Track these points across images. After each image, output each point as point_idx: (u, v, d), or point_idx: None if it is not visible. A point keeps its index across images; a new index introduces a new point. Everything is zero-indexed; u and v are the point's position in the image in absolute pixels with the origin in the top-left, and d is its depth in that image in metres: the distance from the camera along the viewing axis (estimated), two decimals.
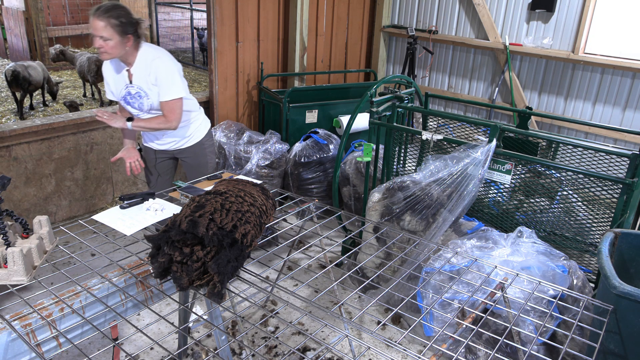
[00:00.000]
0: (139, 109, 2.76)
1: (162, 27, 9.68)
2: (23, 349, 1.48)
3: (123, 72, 2.71)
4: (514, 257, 2.57)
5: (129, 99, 2.74)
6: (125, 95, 2.73)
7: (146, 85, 2.68)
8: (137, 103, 2.74)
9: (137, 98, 2.72)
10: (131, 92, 2.71)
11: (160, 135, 2.91)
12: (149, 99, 2.71)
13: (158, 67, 2.64)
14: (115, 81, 2.76)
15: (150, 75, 2.65)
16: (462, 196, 2.92)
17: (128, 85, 2.71)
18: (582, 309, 1.73)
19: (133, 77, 2.68)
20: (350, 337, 1.60)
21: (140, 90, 2.70)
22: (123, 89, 2.73)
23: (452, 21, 5.14)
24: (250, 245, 1.60)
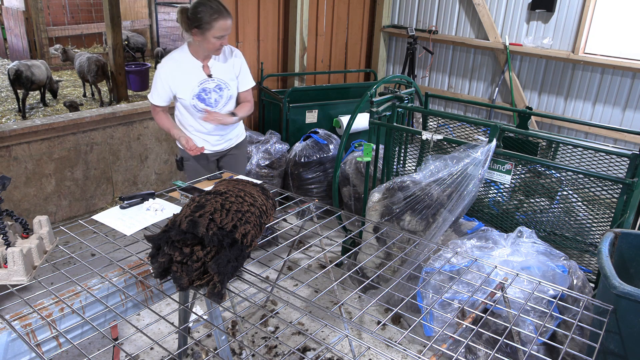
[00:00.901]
0: (214, 103, 2.77)
1: (162, 27, 9.68)
2: (23, 349, 1.48)
3: (197, 68, 2.72)
4: (514, 257, 2.57)
5: (204, 95, 2.74)
6: (200, 92, 2.72)
7: (228, 77, 2.77)
8: (215, 97, 2.76)
9: (216, 91, 2.76)
10: (208, 86, 2.73)
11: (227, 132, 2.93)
12: (229, 90, 2.79)
13: (240, 56, 2.83)
14: (184, 82, 2.71)
15: (235, 66, 2.79)
16: (462, 196, 2.92)
17: (205, 81, 2.73)
18: (582, 309, 1.73)
19: (211, 70, 2.74)
20: (350, 337, 1.60)
21: (221, 82, 2.76)
22: (197, 86, 2.72)
23: (452, 21, 5.14)
24: (250, 245, 1.60)
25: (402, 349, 1.42)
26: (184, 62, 2.72)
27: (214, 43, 2.61)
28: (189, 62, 2.72)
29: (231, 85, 2.80)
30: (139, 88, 6.78)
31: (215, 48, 2.63)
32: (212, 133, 2.88)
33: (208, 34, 2.57)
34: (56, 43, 8.68)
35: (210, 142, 2.91)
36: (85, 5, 9.25)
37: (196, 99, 2.73)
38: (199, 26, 2.56)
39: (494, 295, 1.96)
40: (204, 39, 2.60)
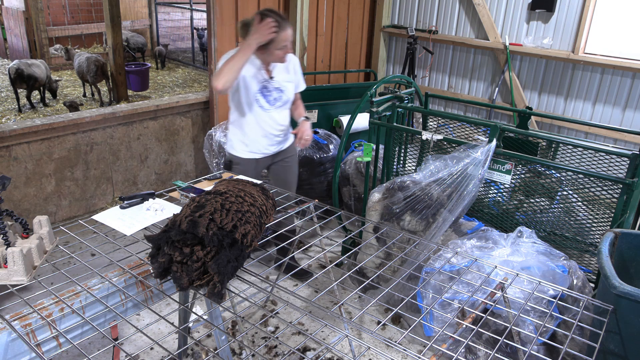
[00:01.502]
0: (273, 101, 2.85)
1: (162, 27, 9.69)
2: (23, 349, 1.48)
3: (260, 68, 2.79)
4: (514, 257, 2.57)
5: (265, 92, 2.83)
6: (262, 89, 2.81)
7: (287, 79, 2.88)
8: (275, 96, 2.85)
9: (276, 92, 2.85)
10: (268, 86, 2.82)
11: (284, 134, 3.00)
12: (287, 93, 2.89)
13: (295, 59, 2.94)
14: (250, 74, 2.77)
15: (290, 69, 2.89)
16: (462, 196, 2.92)
17: (267, 81, 2.82)
18: (582, 309, 1.73)
19: (272, 73, 2.83)
20: (350, 337, 1.60)
21: (281, 85, 2.86)
22: (260, 82, 2.80)
23: (452, 21, 5.14)
24: (250, 245, 1.61)
25: (402, 349, 1.42)
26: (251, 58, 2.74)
27: (278, 54, 2.70)
28: (254, 60, 2.77)
29: (289, 89, 2.90)
30: (139, 88, 6.78)
31: (280, 58, 2.73)
32: (268, 135, 2.92)
33: (271, 47, 2.64)
34: (56, 43, 8.67)
35: (262, 145, 2.94)
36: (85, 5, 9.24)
37: (259, 94, 2.81)
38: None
39: (494, 295, 1.96)
40: (269, 53, 2.68)
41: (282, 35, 2.62)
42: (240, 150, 2.95)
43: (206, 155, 4.18)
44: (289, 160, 3.13)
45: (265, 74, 2.81)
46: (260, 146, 2.95)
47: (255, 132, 2.90)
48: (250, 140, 2.91)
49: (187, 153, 4.67)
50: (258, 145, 2.94)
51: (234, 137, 2.96)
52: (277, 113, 2.91)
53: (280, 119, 2.94)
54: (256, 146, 2.94)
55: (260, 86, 2.80)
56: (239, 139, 2.94)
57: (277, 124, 2.93)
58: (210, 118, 4.50)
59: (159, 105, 4.29)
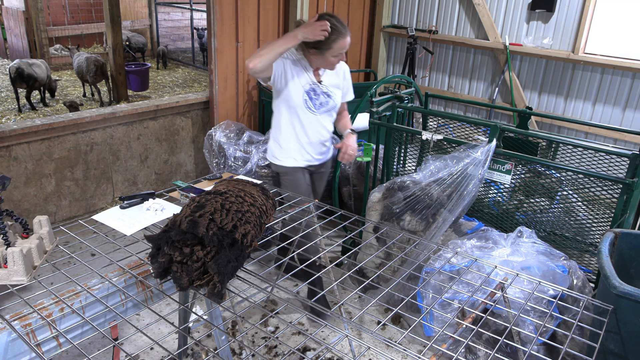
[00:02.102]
0: (318, 106, 2.76)
1: (162, 27, 9.68)
2: (23, 349, 1.48)
3: (309, 71, 2.71)
4: (514, 257, 2.57)
5: (313, 95, 2.74)
6: (309, 90, 2.72)
7: (335, 85, 2.80)
8: (322, 100, 2.76)
9: (323, 96, 2.76)
10: (316, 89, 2.74)
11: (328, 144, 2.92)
12: (334, 100, 2.80)
13: (346, 67, 2.85)
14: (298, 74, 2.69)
15: (340, 76, 2.81)
16: (462, 196, 2.92)
17: (315, 84, 2.73)
18: (582, 309, 1.73)
19: (322, 78, 2.75)
20: (350, 337, 1.60)
21: (329, 91, 2.77)
22: (307, 84, 2.71)
23: (452, 21, 5.14)
24: (250, 245, 1.60)
25: (402, 349, 1.42)
26: (297, 61, 2.69)
27: (331, 61, 2.62)
28: (302, 62, 2.70)
29: (337, 95, 2.82)
30: (139, 88, 6.78)
31: (332, 65, 2.65)
32: (314, 142, 2.82)
33: (327, 53, 2.57)
34: (56, 43, 8.68)
35: (308, 152, 2.83)
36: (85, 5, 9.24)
37: (307, 94, 2.71)
38: (317, 47, 2.54)
39: (494, 295, 1.96)
40: (322, 58, 2.60)
41: (340, 42, 2.54)
42: (284, 160, 2.81)
43: (206, 155, 4.18)
44: (325, 171, 3.04)
45: (314, 77, 2.73)
46: (305, 153, 2.82)
47: (301, 137, 2.78)
48: (293, 147, 2.79)
49: (187, 153, 4.67)
50: (303, 152, 2.81)
51: (276, 146, 2.83)
52: (322, 118, 2.80)
53: (326, 123, 2.84)
54: (301, 153, 2.81)
55: (309, 88, 2.71)
56: (281, 147, 2.81)
57: (323, 129, 2.83)
58: (210, 118, 4.50)
59: (159, 105, 4.29)
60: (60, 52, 8.51)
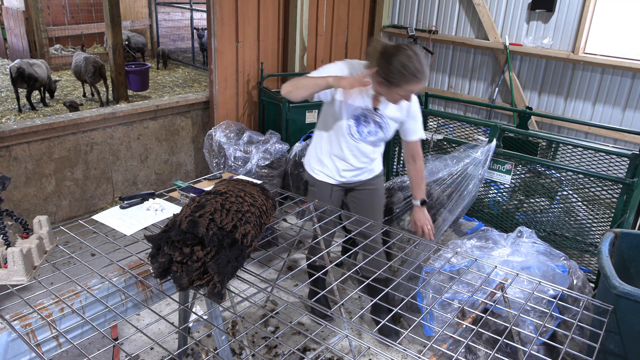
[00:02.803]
0: (364, 134, 2.49)
1: (162, 27, 9.68)
2: (23, 349, 1.48)
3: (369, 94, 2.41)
4: (514, 257, 2.57)
5: (362, 121, 2.46)
6: (360, 116, 2.45)
7: (392, 117, 2.47)
8: (370, 129, 2.47)
9: (374, 125, 2.47)
10: (370, 116, 2.45)
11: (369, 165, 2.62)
12: (388, 131, 2.51)
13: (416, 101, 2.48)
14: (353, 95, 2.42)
15: (403, 109, 2.46)
16: (462, 196, 2.93)
17: (369, 110, 2.44)
18: (582, 309, 1.73)
19: (380, 105, 2.44)
20: (350, 337, 1.60)
21: (382, 121, 2.46)
22: (360, 109, 2.44)
23: (452, 21, 5.14)
24: (250, 245, 1.60)
25: (402, 349, 1.42)
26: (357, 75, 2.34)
27: (395, 98, 2.29)
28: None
29: (391, 129, 2.51)
30: (139, 88, 6.78)
31: (395, 101, 2.33)
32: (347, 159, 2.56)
33: (394, 89, 2.23)
34: (56, 43, 8.68)
35: (339, 169, 2.60)
36: (85, 5, 9.24)
37: (353, 120, 2.45)
38: (386, 79, 2.20)
39: (494, 295, 1.96)
40: (387, 91, 2.27)
41: (413, 86, 2.19)
42: (315, 171, 2.65)
43: (206, 155, 4.18)
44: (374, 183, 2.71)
45: (372, 101, 2.43)
46: (339, 177, 2.61)
47: (337, 162, 2.58)
48: (327, 162, 2.60)
49: (187, 153, 4.67)
50: (334, 170, 2.60)
51: (312, 154, 2.67)
52: (365, 146, 2.54)
53: (368, 151, 2.57)
54: (332, 170, 2.60)
55: (359, 113, 2.43)
56: (316, 157, 2.63)
57: (365, 157, 2.57)
58: (210, 118, 4.50)
59: (159, 105, 4.29)
60: (60, 52, 8.51)
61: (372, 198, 2.73)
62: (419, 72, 2.15)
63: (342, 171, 2.59)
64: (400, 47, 2.18)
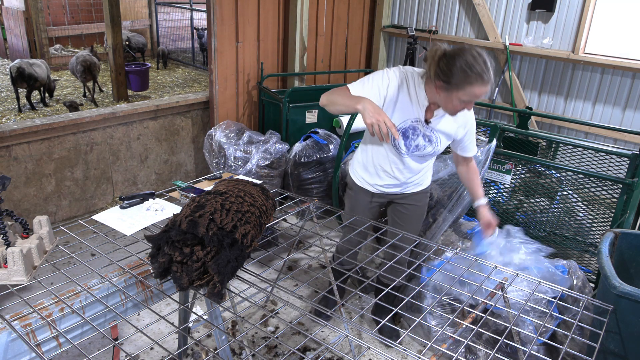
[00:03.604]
0: (412, 148, 2.33)
1: (162, 27, 9.68)
2: (23, 349, 1.48)
3: (421, 105, 2.23)
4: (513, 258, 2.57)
5: (410, 134, 2.28)
6: (408, 128, 2.27)
7: (445, 131, 2.30)
8: (418, 143, 2.30)
9: (423, 139, 2.28)
10: (419, 129, 2.27)
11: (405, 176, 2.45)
12: (437, 147, 2.33)
13: (471, 117, 2.32)
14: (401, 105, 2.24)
15: (460, 124, 2.29)
16: (462, 196, 2.92)
17: (419, 122, 2.26)
18: (582, 309, 1.73)
19: (434, 117, 2.26)
20: (350, 337, 1.60)
21: (433, 135, 2.28)
22: (409, 120, 2.25)
23: (452, 21, 5.14)
24: (250, 245, 1.61)
25: (402, 349, 1.42)
26: (413, 87, 2.22)
27: (454, 105, 2.07)
28: (418, 92, 2.22)
29: (442, 143, 2.32)
30: (139, 88, 6.78)
31: (454, 110, 2.11)
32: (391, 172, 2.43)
33: (455, 93, 2.02)
34: (56, 43, 8.68)
35: (382, 180, 2.47)
36: (85, 5, 9.24)
37: (400, 133, 2.28)
38: (447, 81, 2.01)
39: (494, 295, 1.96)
40: (446, 97, 2.06)
41: (476, 89, 1.98)
42: (357, 176, 2.56)
43: (206, 155, 4.18)
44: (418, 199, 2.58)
45: (425, 113, 2.24)
46: (379, 181, 2.48)
47: (379, 172, 2.46)
48: (371, 170, 2.48)
49: (187, 153, 4.67)
50: (377, 179, 2.48)
51: (358, 158, 2.55)
52: (411, 161, 2.38)
53: (414, 166, 2.41)
54: (375, 179, 2.49)
55: (408, 125, 2.26)
56: (362, 163, 2.51)
57: (408, 171, 2.42)
58: (210, 118, 4.50)
59: (159, 105, 4.30)
60: (60, 52, 8.51)
61: (412, 214, 2.60)
62: (485, 74, 1.97)
63: (385, 184, 2.48)
64: (464, 47, 2.02)
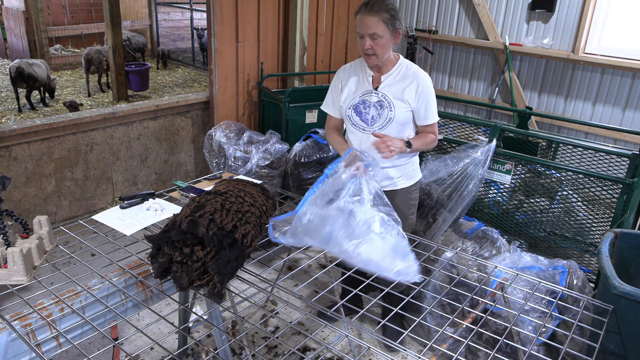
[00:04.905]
0: (370, 120, 2.35)
1: (162, 27, 9.68)
2: (23, 349, 1.48)
3: (367, 77, 2.36)
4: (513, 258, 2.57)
5: (362, 108, 2.34)
6: (359, 104, 2.35)
7: (396, 96, 2.32)
8: (373, 113, 2.33)
9: (376, 107, 2.32)
10: (369, 100, 2.33)
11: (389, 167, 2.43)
12: (391, 112, 2.31)
13: (425, 82, 2.32)
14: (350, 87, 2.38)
15: (411, 87, 2.30)
16: (462, 196, 2.93)
17: (369, 92, 2.34)
18: (582, 309, 1.73)
19: (381, 84, 2.34)
20: (350, 337, 1.60)
21: (383, 99, 2.32)
22: (359, 96, 2.35)
23: (452, 21, 5.14)
24: (250, 245, 1.61)
25: (402, 349, 1.42)
26: (358, 67, 2.40)
27: (360, 44, 2.23)
28: (362, 69, 2.38)
29: (395, 107, 2.31)
30: (139, 88, 6.78)
31: (362, 49, 2.23)
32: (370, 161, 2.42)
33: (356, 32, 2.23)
34: (56, 43, 8.68)
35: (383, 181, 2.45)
36: (85, 5, 9.24)
37: (352, 110, 2.36)
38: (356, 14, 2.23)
39: (494, 295, 1.96)
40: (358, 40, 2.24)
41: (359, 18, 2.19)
42: None
43: (206, 155, 4.18)
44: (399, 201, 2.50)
45: (372, 83, 2.34)
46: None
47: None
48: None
49: (187, 153, 4.67)
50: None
51: None
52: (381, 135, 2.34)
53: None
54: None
55: (358, 101, 2.34)
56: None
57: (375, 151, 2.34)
58: (210, 118, 4.50)
59: (159, 105, 4.29)
60: (60, 52, 8.51)
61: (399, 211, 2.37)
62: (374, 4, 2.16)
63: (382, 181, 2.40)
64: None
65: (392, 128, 2.34)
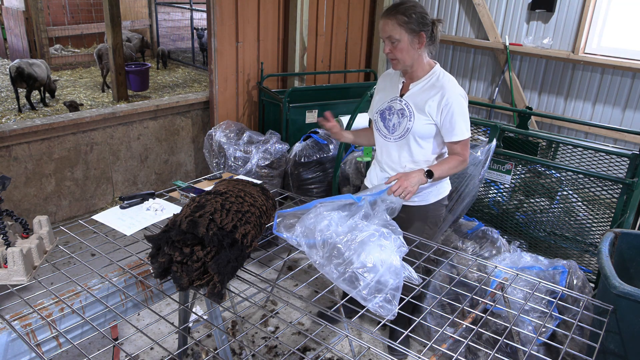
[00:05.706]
0: (392, 128, 2.27)
1: (162, 27, 9.69)
2: (23, 349, 1.48)
3: (398, 83, 2.29)
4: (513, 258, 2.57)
5: (387, 114, 2.27)
6: (385, 109, 2.28)
7: (418, 105, 2.19)
8: (395, 121, 2.25)
9: (397, 115, 2.23)
10: (394, 106, 2.25)
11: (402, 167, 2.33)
12: (411, 122, 2.19)
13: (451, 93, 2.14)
14: (382, 93, 2.35)
15: (434, 98, 2.15)
16: (462, 196, 2.92)
17: (395, 99, 2.26)
18: (582, 309, 1.73)
19: (408, 92, 2.23)
20: (350, 337, 1.60)
21: (406, 108, 2.21)
22: (387, 102, 2.28)
23: (452, 21, 5.14)
24: (250, 245, 1.61)
25: (402, 349, 1.42)
26: (392, 74, 2.37)
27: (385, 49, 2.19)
28: (398, 74, 2.31)
29: (415, 118, 2.18)
30: (139, 88, 6.78)
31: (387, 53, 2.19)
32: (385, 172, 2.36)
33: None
34: (56, 43, 8.68)
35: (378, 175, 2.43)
36: (85, 5, 9.24)
37: (378, 115, 2.32)
38: None
39: (494, 295, 1.96)
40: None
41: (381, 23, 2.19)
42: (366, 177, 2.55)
43: (206, 155, 4.18)
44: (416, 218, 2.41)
45: (400, 89, 2.27)
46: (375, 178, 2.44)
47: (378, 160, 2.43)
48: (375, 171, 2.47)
49: (187, 153, 4.67)
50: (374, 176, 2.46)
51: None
52: (394, 148, 2.28)
53: (397, 157, 2.30)
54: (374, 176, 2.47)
55: (385, 106, 2.29)
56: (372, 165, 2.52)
57: (397, 165, 2.30)
58: (210, 118, 4.50)
59: (159, 105, 4.30)
60: (60, 52, 8.51)
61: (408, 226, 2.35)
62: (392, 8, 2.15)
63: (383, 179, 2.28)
64: None
65: (410, 140, 2.23)
